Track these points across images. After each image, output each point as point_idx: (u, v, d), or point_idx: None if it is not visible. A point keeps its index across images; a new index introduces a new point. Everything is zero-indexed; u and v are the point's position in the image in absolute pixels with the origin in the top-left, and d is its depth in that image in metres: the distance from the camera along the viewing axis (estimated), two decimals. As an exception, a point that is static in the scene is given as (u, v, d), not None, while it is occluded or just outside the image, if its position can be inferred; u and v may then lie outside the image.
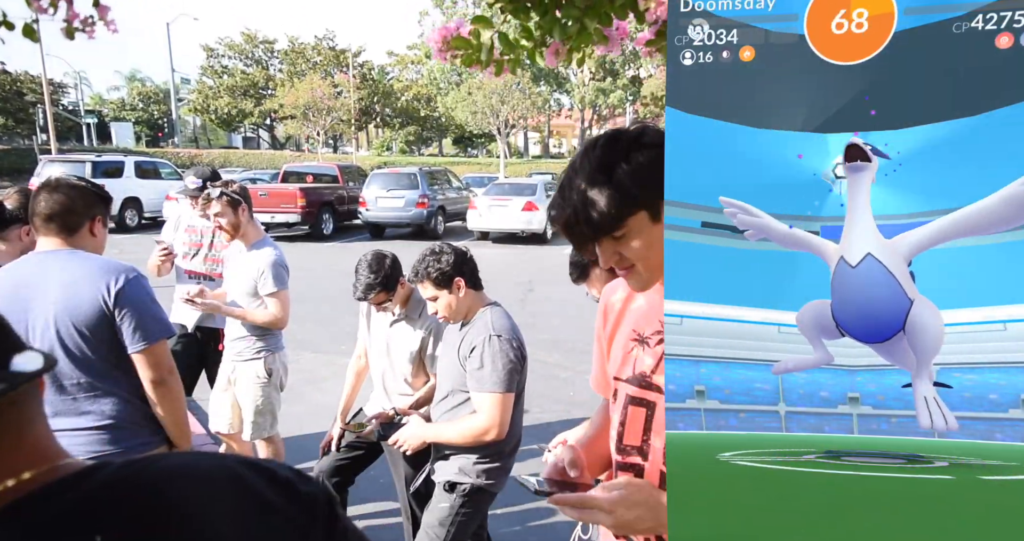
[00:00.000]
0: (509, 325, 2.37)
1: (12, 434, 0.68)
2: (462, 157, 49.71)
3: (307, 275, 9.72)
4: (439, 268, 2.36)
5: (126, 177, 16.66)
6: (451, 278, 2.37)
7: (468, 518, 2.40)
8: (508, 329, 2.34)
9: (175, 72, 46.36)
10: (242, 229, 3.33)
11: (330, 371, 5.66)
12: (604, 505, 0.80)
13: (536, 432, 4.27)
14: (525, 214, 14.32)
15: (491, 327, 2.33)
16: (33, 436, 0.70)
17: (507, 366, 2.27)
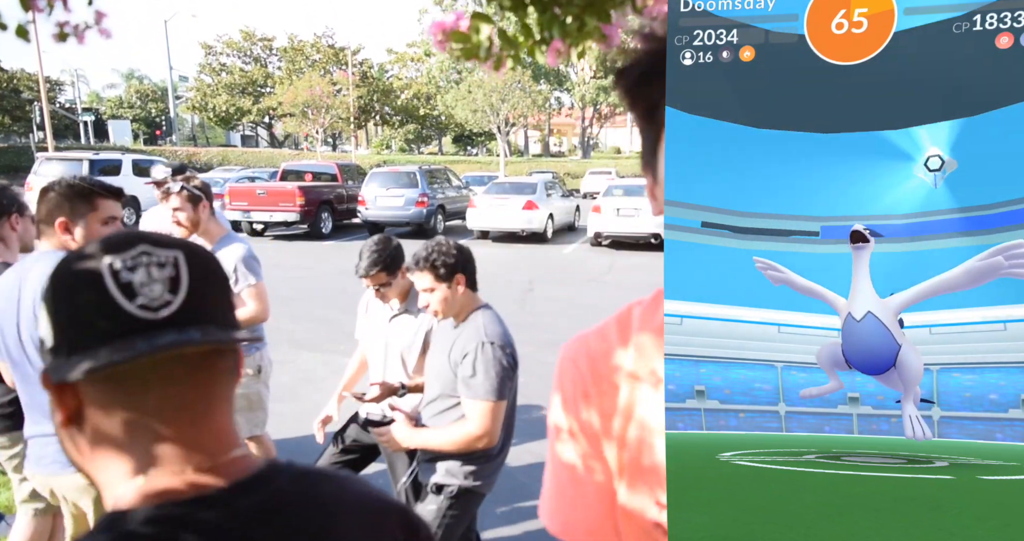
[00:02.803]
0: (502, 330, 2.35)
1: (207, 415, 0.75)
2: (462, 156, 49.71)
3: (305, 274, 9.74)
4: (443, 260, 2.33)
5: (123, 175, 16.62)
6: (453, 273, 2.34)
7: (455, 520, 2.38)
8: (501, 335, 2.32)
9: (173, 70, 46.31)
10: (202, 226, 3.24)
11: (328, 370, 5.65)
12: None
13: (535, 432, 4.28)
14: (525, 213, 14.31)
15: (484, 333, 2.30)
16: (219, 421, 0.77)
17: (500, 374, 2.25)
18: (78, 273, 0.69)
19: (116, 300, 0.68)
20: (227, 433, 0.75)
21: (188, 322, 0.70)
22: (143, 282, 0.69)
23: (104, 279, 0.68)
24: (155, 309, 0.69)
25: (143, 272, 0.69)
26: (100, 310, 0.68)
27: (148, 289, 0.69)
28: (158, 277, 0.70)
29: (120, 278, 0.69)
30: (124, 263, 0.69)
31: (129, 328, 0.68)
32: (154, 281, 0.69)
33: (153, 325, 0.69)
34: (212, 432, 0.74)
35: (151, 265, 0.70)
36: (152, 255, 0.70)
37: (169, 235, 0.74)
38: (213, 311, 0.74)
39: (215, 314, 0.74)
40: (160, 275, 0.70)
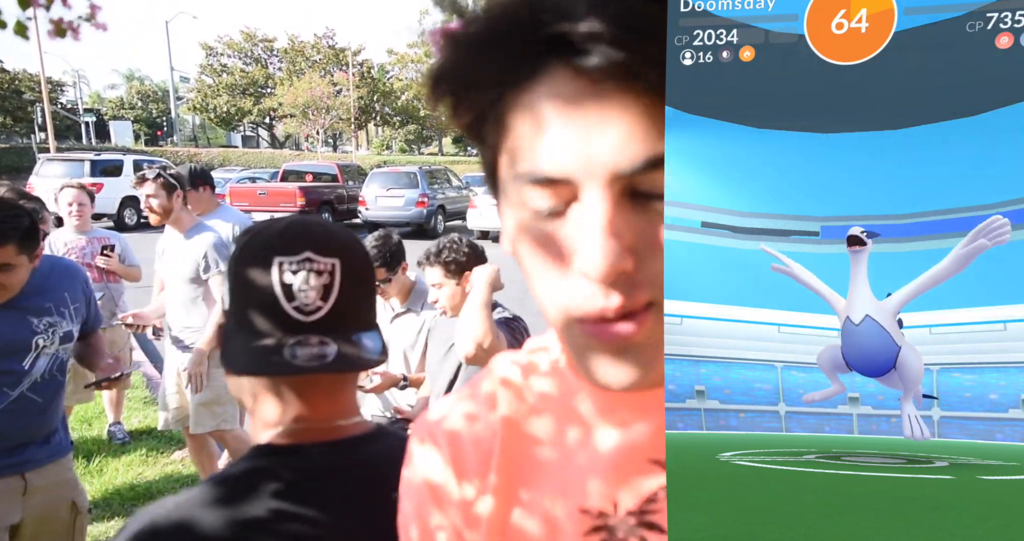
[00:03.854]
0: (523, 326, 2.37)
1: (336, 390, 0.89)
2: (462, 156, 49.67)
3: (306, 274, 9.60)
4: (455, 258, 2.32)
5: (125, 176, 16.63)
6: (463, 270, 2.33)
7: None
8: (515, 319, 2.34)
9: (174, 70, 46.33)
10: (174, 215, 3.29)
11: (329, 370, 5.65)
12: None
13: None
14: (524, 213, 14.27)
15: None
16: (344, 394, 0.92)
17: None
18: (254, 262, 0.80)
19: (278, 298, 0.78)
20: (349, 403, 0.92)
21: (332, 328, 0.81)
22: (302, 288, 0.78)
23: (272, 275, 0.79)
24: (307, 313, 0.79)
25: (303, 277, 0.78)
26: (265, 303, 0.78)
27: (304, 295, 0.78)
28: (314, 284, 0.79)
29: (284, 278, 0.79)
30: (290, 265, 0.78)
31: (285, 325, 0.78)
32: (311, 288, 0.78)
33: (302, 327, 0.79)
34: (339, 402, 0.90)
35: (311, 271, 0.79)
36: (314, 263, 0.79)
37: (331, 238, 0.83)
38: (355, 315, 0.85)
39: (357, 318, 0.85)
40: (316, 283, 0.79)
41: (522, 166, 0.51)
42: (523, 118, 0.50)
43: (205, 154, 37.29)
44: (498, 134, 0.53)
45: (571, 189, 0.49)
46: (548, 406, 0.62)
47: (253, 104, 46.38)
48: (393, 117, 47.19)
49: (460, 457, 0.62)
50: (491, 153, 0.55)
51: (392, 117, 47.21)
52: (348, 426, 0.90)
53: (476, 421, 0.63)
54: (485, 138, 0.55)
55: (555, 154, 0.49)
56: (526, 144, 0.50)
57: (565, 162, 0.49)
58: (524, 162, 0.50)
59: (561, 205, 0.50)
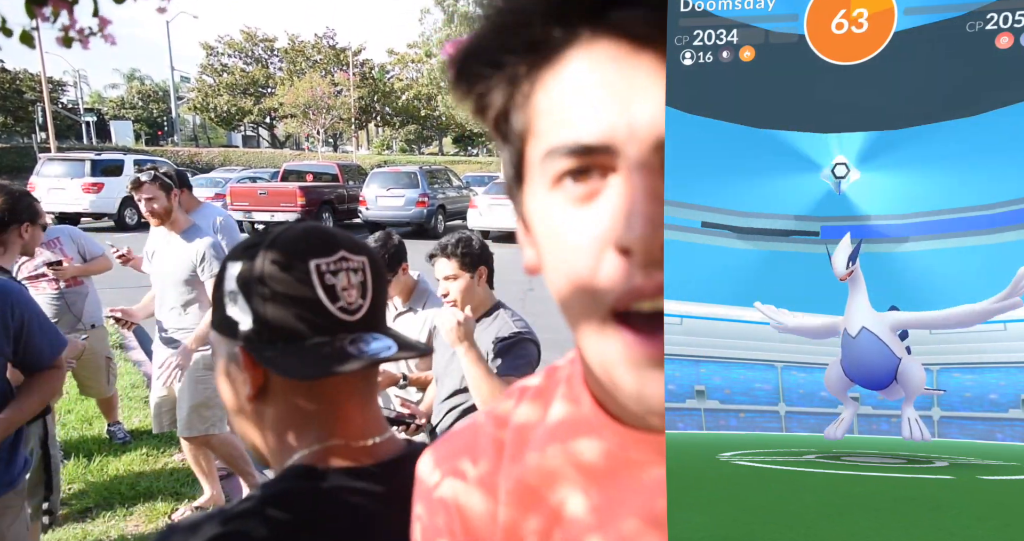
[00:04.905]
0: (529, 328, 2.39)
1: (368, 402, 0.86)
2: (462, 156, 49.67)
3: (307, 274, 9.61)
4: (469, 251, 2.33)
5: (125, 176, 16.65)
6: (477, 264, 2.34)
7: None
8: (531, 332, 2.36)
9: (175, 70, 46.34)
10: (173, 215, 3.28)
11: (330, 370, 5.65)
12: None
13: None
14: (525, 213, 14.30)
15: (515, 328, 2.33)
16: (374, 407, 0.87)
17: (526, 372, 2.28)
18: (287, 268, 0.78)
19: (322, 301, 0.78)
20: (378, 419, 0.87)
21: (373, 324, 0.81)
22: (344, 287, 0.78)
23: (312, 279, 0.78)
24: (352, 312, 0.79)
25: (343, 277, 0.79)
26: (308, 307, 0.77)
27: (347, 293, 0.79)
28: (354, 282, 0.80)
29: (325, 281, 0.78)
30: (328, 267, 0.78)
31: (332, 327, 0.78)
32: (351, 286, 0.79)
33: (350, 326, 0.79)
34: (371, 417, 0.86)
35: (349, 270, 0.80)
36: (349, 261, 0.80)
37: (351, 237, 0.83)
38: (384, 312, 0.85)
39: (384, 315, 0.85)
40: (355, 280, 0.80)
41: (557, 139, 0.49)
42: (556, 92, 0.49)
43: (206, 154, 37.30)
44: (526, 117, 0.51)
45: (610, 159, 0.48)
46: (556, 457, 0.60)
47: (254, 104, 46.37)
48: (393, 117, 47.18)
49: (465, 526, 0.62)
50: (518, 141, 0.53)
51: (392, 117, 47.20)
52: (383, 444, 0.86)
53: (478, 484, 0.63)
54: (512, 125, 0.53)
55: (595, 122, 0.47)
56: (560, 118, 0.48)
57: (605, 129, 0.47)
58: (559, 134, 0.49)
59: (598, 179, 0.49)
